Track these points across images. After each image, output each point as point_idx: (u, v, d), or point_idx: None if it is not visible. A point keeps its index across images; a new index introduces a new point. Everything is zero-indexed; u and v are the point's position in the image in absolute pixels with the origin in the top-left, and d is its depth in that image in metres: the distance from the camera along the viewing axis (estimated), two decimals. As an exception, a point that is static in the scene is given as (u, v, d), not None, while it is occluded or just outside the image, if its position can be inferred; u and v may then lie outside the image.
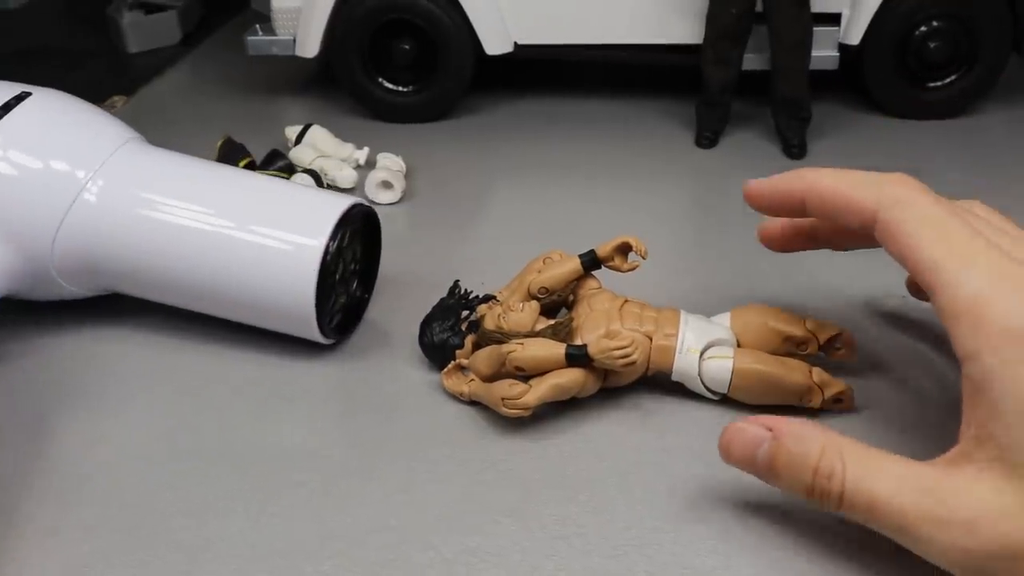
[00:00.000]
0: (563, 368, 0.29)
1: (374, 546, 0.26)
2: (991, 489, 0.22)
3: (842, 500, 0.23)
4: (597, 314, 0.31)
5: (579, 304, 0.32)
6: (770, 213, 0.30)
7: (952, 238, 0.24)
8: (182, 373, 0.33)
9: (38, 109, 0.33)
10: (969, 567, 0.22)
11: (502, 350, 0.29)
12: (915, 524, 0.22)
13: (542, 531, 0.26)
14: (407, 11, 0.50)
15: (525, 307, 0.31)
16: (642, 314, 0.30)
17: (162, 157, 0.34)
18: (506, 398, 0.29)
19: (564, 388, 0.29)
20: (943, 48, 0.49)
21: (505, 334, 0.30)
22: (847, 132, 0.49)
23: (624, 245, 0.32)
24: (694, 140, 0.49)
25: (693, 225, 0.33)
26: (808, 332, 0.30)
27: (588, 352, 0.29)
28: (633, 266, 0.32)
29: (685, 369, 0.30)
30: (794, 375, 0.29)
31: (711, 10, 0.47)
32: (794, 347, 0.30)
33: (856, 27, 0.49)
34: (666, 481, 0.28)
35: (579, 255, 0.32)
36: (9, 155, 0.32)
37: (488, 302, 0.33)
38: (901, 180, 0.26)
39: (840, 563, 0.25)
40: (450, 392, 0.31)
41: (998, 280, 0.23)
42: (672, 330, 0.30)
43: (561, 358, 0.29)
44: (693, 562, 0.25)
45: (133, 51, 0.64)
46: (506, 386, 0.29)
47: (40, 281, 0.33)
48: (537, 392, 0.29)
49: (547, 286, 0.32)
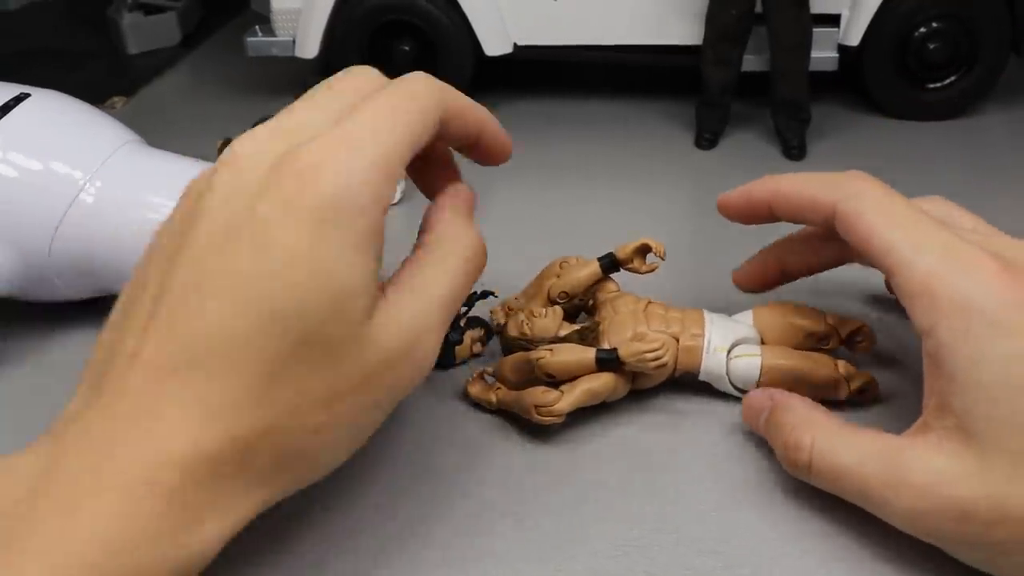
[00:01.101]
0: (593, 373, 0.29)
1: (371, 547, 0.26)
2: (949, 455, 0.23)
3: (810, 469, 0.26)
4: (623, 317, 0.30)
5: (602, 307, 0.32)
6: (742, 221, 0.31)
7: (905, 223, 0.25)
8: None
9: (37, 110, 0.33)
10: (923, 528, 0.24)
11: (531, 356, 0.29)
12: (876, 489, 0.24)
13: (543, 531, 0.26)
14: (406, 12, 0.50)
15: (549, 312, 0.30)
16: (667, 315, 0.30)
17: (161, 159, 0.34)
18: (539, 405, 0.28)
19: (596, 393, 0.29)
20: (943, 49, 0.49)
21: (530, 340, 0.30)
22: (847, 132, 0.49)
23: (643, 247, 0.32)
24: (694, 141, 0.49)
25: (692, 226, 0.33)
26: (830, 327, 0.31)
27: (619, 356, 0.28)
28: (652, 268, 0.32)
29: (713, 369, 0.30)
30: (821, 369, 0.30)
31: (711, 11, 0.47)
32: (816, 342, 0.31)
33: (856, 28, 0.49)
34: (665, 481, 0.28)
35: (598, 258, 0.32)
36: (7, 156, 0.32)
37: (486, 297, 0.33)
38: (858, 176, 0.27)
39: (841, 563, 0.25)
40: (476, 399, 0.31)
41: (949, 258, 0.24)
42: (698, 330, 0.30)
43: (591, 362, 0.29)
44: (693, 562, 0.25)
45: (133, 52, 0.64)
46: (539, 393, 0.28)
47: (37, 282, 0.33)
48: (570, 398, 0.28)
49: (567, 290, 0.32)
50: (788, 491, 0.27)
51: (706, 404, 0.31)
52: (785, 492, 0.27)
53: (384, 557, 0.26)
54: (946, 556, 0.24)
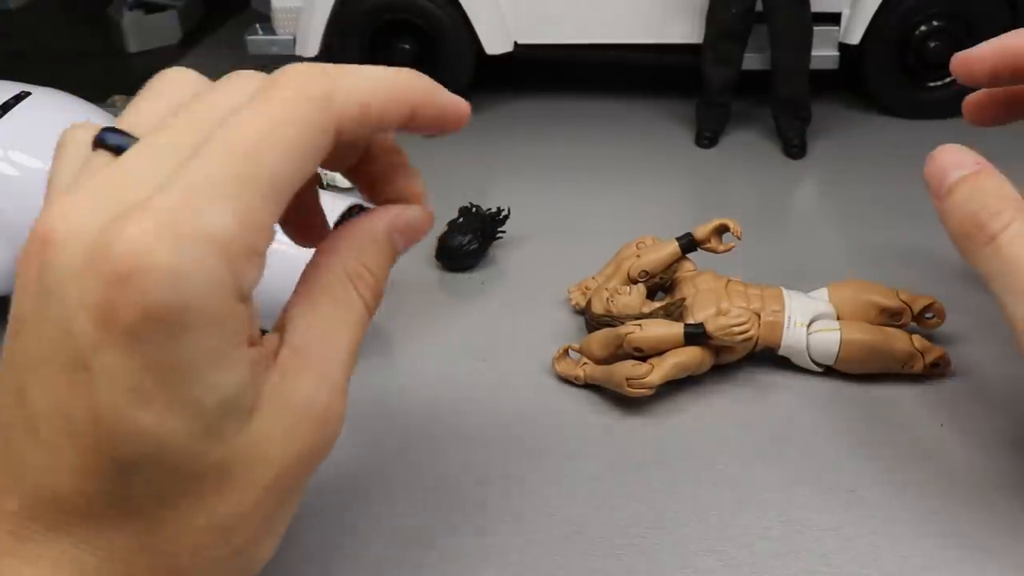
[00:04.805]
0: (680, 347, 0.30)
1: (379, 544, 0.26)
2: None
3: (993, 241, 0.23)
4: (705, 293, 0.32)
5: (683, 285, 0.33)
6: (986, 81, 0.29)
7: None
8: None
9: (37, 108, 0.33)
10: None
11: (619, 332, 0.30)
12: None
13: (541, 531, 0.26)
14: (407, 11, 0.50)
15: (632, 290, 0.32)
16: (747, 292, 0.32)
17: (161, 157, 0.34)
18: (631, 378, 0.29)
19: (684, 366, 0.30)
20: (943, 47, 0.49)
21: (615, 317, 0.31)
22: (847, 132, 0.49)
23: (721, 227, 0.33)
24: (694, 140, 0.49)
25: (692, 225, 0.34)
26: (902, 303, 0.32)
27: (706, 330, 0.29)
28: (729, 247, 0.33)
29: (793, 344, 0.31)
30: (897, 343, 0.30)
31: (711, 9, 0.47)
32: (889, 318, 0.31)
33: (856, 26, 0.49)
34: (665, 480, 0.28)
35: (676, 238, 0.33)
36: (8, 154, 0.32)
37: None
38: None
39: (840, 563, 0.25)
40: (563, 376, 0.32)
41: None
42: (778, 306, 0.31)
43: (678, 337, 0.30)
44: (693, 561, 0.25)
45: (133, 51, 0.64)
46: (630, 367, 0.30)
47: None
48: (661, 371, 0.29)
49: (647, 269, 0.33)
50: (788, 490, 0.27)
51: (701, 397, 0.31)
52: (785, 491, 0.27)
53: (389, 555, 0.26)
54: (948, 551, 0.24)
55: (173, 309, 0.16)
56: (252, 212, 0.17)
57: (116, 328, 0.16)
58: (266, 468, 0.18)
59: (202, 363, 0.17)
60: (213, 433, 0.17)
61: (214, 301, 0.17)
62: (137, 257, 0.16)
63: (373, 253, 0.21)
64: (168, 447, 0.17)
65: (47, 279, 0.17)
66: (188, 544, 0.18)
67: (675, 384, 0.31)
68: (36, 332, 0.17)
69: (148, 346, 0.16)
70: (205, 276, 0.16)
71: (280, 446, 0.18)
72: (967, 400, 0.30)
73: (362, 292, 0.21)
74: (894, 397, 0.31)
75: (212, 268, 0.16)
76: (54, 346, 0.17)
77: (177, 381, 0.17)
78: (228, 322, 0.17)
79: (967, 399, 0.30)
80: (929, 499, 0.27)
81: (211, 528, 0.18)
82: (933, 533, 0.25)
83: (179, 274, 0.16)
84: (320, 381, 0.19)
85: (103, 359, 0.16)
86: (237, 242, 0.17)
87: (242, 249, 0.17)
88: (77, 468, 0.17)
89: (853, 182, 0.44)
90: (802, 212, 0.44)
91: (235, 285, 0.17)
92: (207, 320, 0.16)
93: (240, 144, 0.17)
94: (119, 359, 0.16)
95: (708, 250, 0.34)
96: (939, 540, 0.25)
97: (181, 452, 0.17)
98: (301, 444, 0.19)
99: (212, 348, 0.17)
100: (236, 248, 0.17)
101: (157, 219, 0.16)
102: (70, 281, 0.17)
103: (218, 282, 0.16)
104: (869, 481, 0.27)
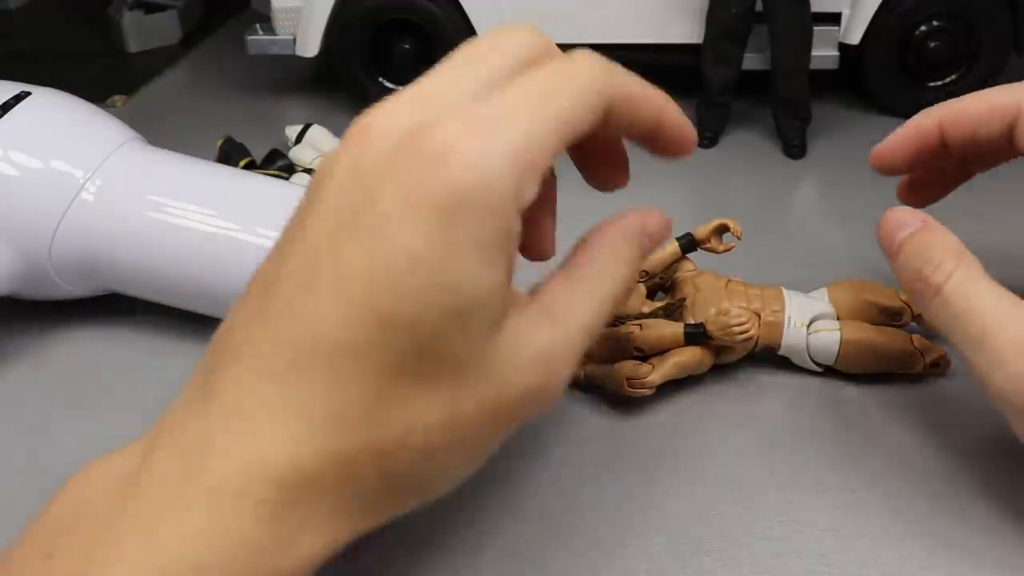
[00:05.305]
0: (681, 347, 0.30)
1: (377, 545, 0.26)
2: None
3: (939, 293, 0.24)
4: (705, 294, 0.32)
5: (683, 285, 0.33)
6: (905, 167, 0.30)
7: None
8: (181, 373, 0.33)
9: (37, 108, 0.33)
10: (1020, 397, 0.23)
11: (620, 332, 0.30)
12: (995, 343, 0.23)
13: (540, 531, 0.26)
14: (407, 11, 0.50)
15: (632, 290, 0.32)
16: (747, 292, 0.32)
17: (161, 157, 0.34)
18: (631, 378, 0.29)
19: (685, 365, 0.30)
20: (943, 47, 0.49)
21: (615, 317, 0.31)
22: (847, 132, 0.49)
23: (721, 227, 0.33)
24: (694, 140, 0.49)
25: (692, 225, 0.34)
26: (902, 303, 0.31)
27: (706, 330, 0.30)
28: (729, 247, 0.33)
29: (794, 343, 0.31)
30: (898, 343, 0.30)
31: (711, 9, 0.47)
32: (889, 318, 0.31)
33: (856, 26, 0.49)
34: (665, 480, 0.28)
35: (676, 238, 0.33)
36: (8, 154, 0.32)
37: None
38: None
39: (840, 563, 0.25)
40: None
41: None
42: (778, 306, 0.31)
43: (678, 337, 0.30)
44: (693, 561, 0.25)
45: (133, 51, 0.64)
46: (630, 367, 0.30)
47: (38, 281, 0.33)
48: (661, 371, 0.30)
49: (647, 269, 0.33)
50: (788, 490, 0.27)
51: (701, 397, 0.31)
52: (785, 491, 0.27)
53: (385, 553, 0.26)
54: (948, 551, 0.24)
55: (470, 189, 0.18)
56: (540, 136, 0.20)
57: (416, 199, 0.18)
58: (489, 387, 0.20)
59: (473, 249, 0.19)
60: (461, 320, 0.19)
61: (500, 195, 0.19)
62: (446, 147, 0.19)
63: (624, 248, 0.24)
64: (423, 320, 0.19)
65: (358, 163, 0.19)
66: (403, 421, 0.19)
67: (675, 384, 0.31)
68: (340, 197, 0.19)
69: (437, 218, 0.18)
70: (499, 172, 0.19)
71: (507, 374, 0.20)
72: (967, 400, 0.30)
73: (612, 274, 0.23)
74: (894, 397, 0.31)
75: (505, 169, 0.19)
76: (354, 209, 0.19)
77: (451, 256, 0.19)
78: (504, 220, 0.19)
79: (967, 399, 0.30)
80: (930, 499, 0.27)
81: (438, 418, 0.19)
82: (933, 533, 0.25)
83: (480, 164, 0.19)
84: (557, 337, 0.21)
85: (397, 225, 0.18)
86: (525, 156, 0.19)
87: (528, 163, 0.19)
88: (346, 319, 0.19)
89: (853, 182, 0.44)
90: (802, 212, 0.44)
91: (516, 191, 0.19)
92: (491, 210, 0.19)
93: (539, 88, 0.20)
94: (409, 227, 0.18)
95: (708, 250, 0.34)
96: (939, 540, 0.25)
97: (430, 327, 0.19)
98: (525, 384, 0.20)
99: (485, 239, 0.19)
100: (524, 161, 0.19)
101: (468, 121, 0.19)
102: (382, 160, 0.19)
103: (506, 182, 0.19)
104: (869, 481, 0.27)
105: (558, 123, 0.20)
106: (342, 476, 0.19)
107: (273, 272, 0.20)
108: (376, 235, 0.19)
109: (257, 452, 0.19)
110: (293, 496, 0.19)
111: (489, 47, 0.22)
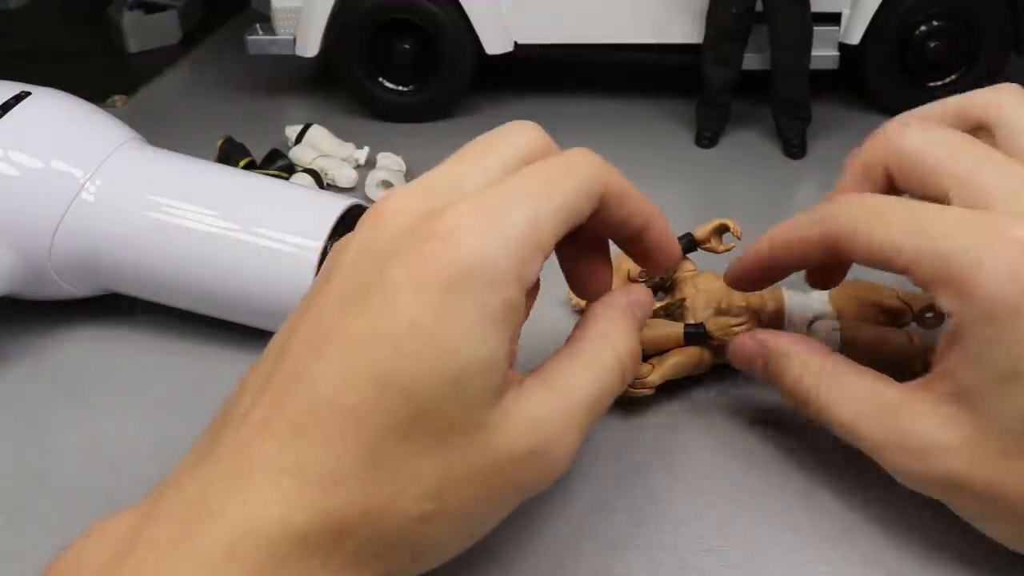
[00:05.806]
0: (681, 347, 0.30)
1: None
2: (944, 421, 0.22)
3: (818, 416, 0.26)
4: (705, 293, 0.32)
5: (683, 285, 0.33)
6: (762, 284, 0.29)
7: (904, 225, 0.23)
8: (181, 373, 0.33)
9: (37, 109, 0.33)
10: (920, 488, 0.24)
11: None
12: (872, 447, 0.24)
13: (540, 531, 0.26)
14: (407, 11, 0.50)
15: None
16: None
17: (161, 157, 0.34)
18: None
19: (685, 365, 0.30)
20: (943, 47, 0.49)
21: None
22: (847, 132, 0.49)
23: (721, 227, 0.33)
24: (694, 140, 0.49)
25: (692, 225, 0.34)
26: (902, 303, 0.31)
27: (706, 330, 0.30)
28: (729, 247, 0.33)
29: None
30: (898, 342, 0.30)
31: (711, 9, 0.47)
32: (888, 318, 0.31)
33: (856, 26, 0.49)
34: (665, 480, 0.28)
35: (676, 237, 0.33)
36: (8, 154, 0.32)
37: None
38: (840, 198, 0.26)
39: (840, 563, 0.25)
40: None
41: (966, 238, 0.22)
42: (778, 306, 0.31)
43: (678, 337, 0.30)
44: (693, 561, 0.25)
45: (133, 51, 0.64)
46: None
47: (38, 281, 0.33)
48: (661, 371, 0.30)
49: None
50: (789, 490, 0.27)
51: (701, 397, 0.31)
52: (785, 491, 0.27)
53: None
54: (948, 551, 0.24)
55: (474, 264, 0.20)
56: (544, 219, 0.21)
57: (422, 273, 0.20)
58: (482, 453, 0.20)
59: (473, 319, 0.20)
60: (458, 386, 0.20)
61: (503, 272, 0.20)
62: (455, 227, 0.20)
63: (619, 318, 0.25)
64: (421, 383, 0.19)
65: (370, 242, 0.21)
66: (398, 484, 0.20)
67: (675, 384, 0.31)
68: (351, 272, 0.21)
69: (440, 290, 0.19)
70: (503, 250, 0.20)
71: (501, 440, 0.21)
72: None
73: (611, 343, 0.24)
74: (894, 397, 0.31)
75: (510, 247, 0.20)
76: (363, 283, 0.20)
77: (452, 325, 0.19)
78: (505, 295, 0.20)
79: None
80: (931, 499, 0.26)
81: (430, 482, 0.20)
82: (933, 533, 0.25)
83: (486, 242, 0.20)
84: (555, 406, 0.22)
85: (401, 297, 0.20)
86: (530, 237, 0.21)
87: (531, 243, 0.21)
88: (347, 381, 0.19)
89: (853, 182, 0.44)
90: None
91: (519, 269, 0.20)
92: (493, 285, 0.20)
93: (543, 177, 0.22)
94: (413, 298, 0.19)
95: (708, 250, 0.34)
96: (940, 540, 0.25)
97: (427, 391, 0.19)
98: (518, 450, 0.21)
99: (486, 312, 0.20)
100: (528, 240, 0.21)
101: (477, 203, 0.21)
102: (392, 239, 0.21)
103: (510, 260, 0.20)
104: (869, 481, 0.27)
105: (561, 208, 0.22)
106: (332, 535, 0.19)
107: (285, 340, 0.21)
108: (382, 305, 0.20)
109: (248, 512, 0.19)
110: (283, 556, 0.19)
111: (499, 140, 0.23)
